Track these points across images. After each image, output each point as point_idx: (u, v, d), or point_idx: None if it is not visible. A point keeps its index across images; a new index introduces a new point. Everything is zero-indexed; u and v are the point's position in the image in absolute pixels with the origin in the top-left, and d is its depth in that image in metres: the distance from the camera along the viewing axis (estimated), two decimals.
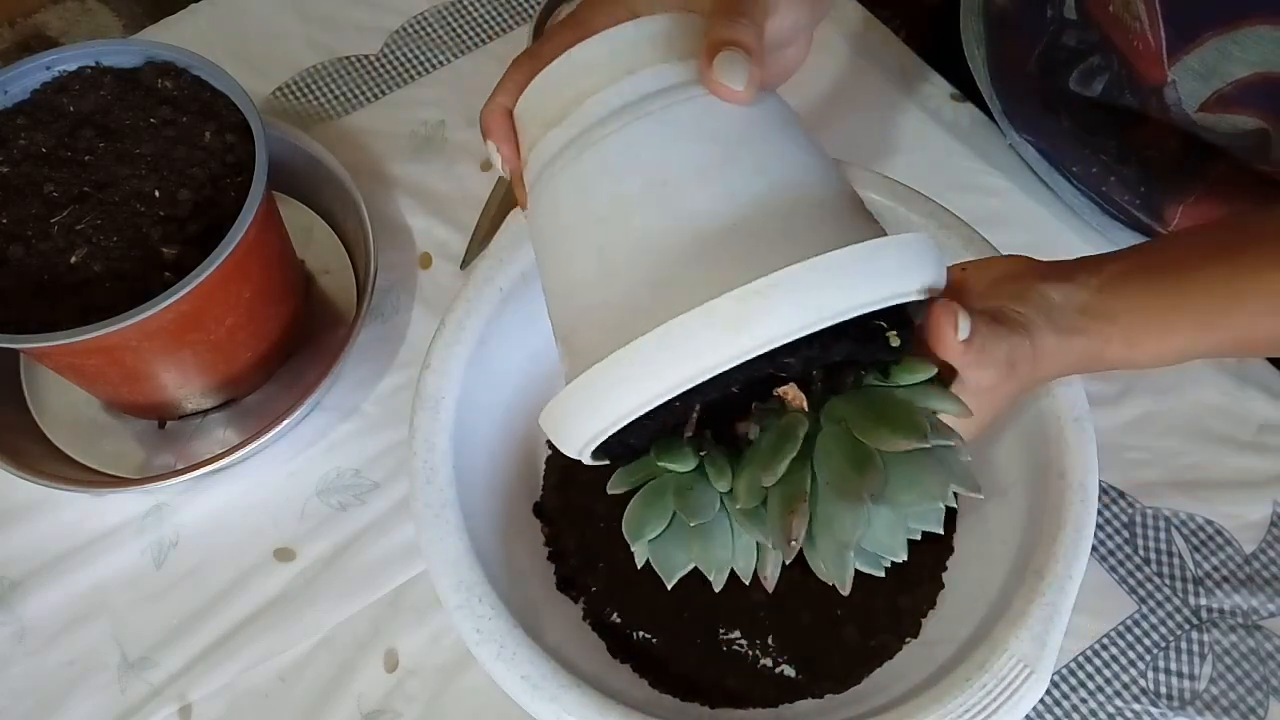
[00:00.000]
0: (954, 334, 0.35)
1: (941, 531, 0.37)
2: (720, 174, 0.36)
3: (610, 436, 0.36)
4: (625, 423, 0.35)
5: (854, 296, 0.33)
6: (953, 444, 0.36)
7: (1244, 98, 0.50)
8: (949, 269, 0.39)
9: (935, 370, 0.37)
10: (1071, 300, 0.39)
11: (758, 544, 0.39)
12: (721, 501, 0.39)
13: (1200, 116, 0.51)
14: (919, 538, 0.38)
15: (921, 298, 0.36)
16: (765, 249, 0.35)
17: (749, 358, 0.33)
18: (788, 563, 0.38)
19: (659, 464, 0.38)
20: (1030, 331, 0.37)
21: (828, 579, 0.37)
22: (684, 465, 0.38)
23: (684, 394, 0.34)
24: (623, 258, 0.36)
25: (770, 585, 0.39)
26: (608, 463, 0.41)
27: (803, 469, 0.37)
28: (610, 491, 0.41)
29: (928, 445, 0.35)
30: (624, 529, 0.40)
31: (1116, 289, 0.39)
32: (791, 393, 0.38)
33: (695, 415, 0.37)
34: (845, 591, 0.37)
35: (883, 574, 0.38)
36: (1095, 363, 0.40)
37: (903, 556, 0.37)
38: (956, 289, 0.39)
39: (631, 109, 0.38)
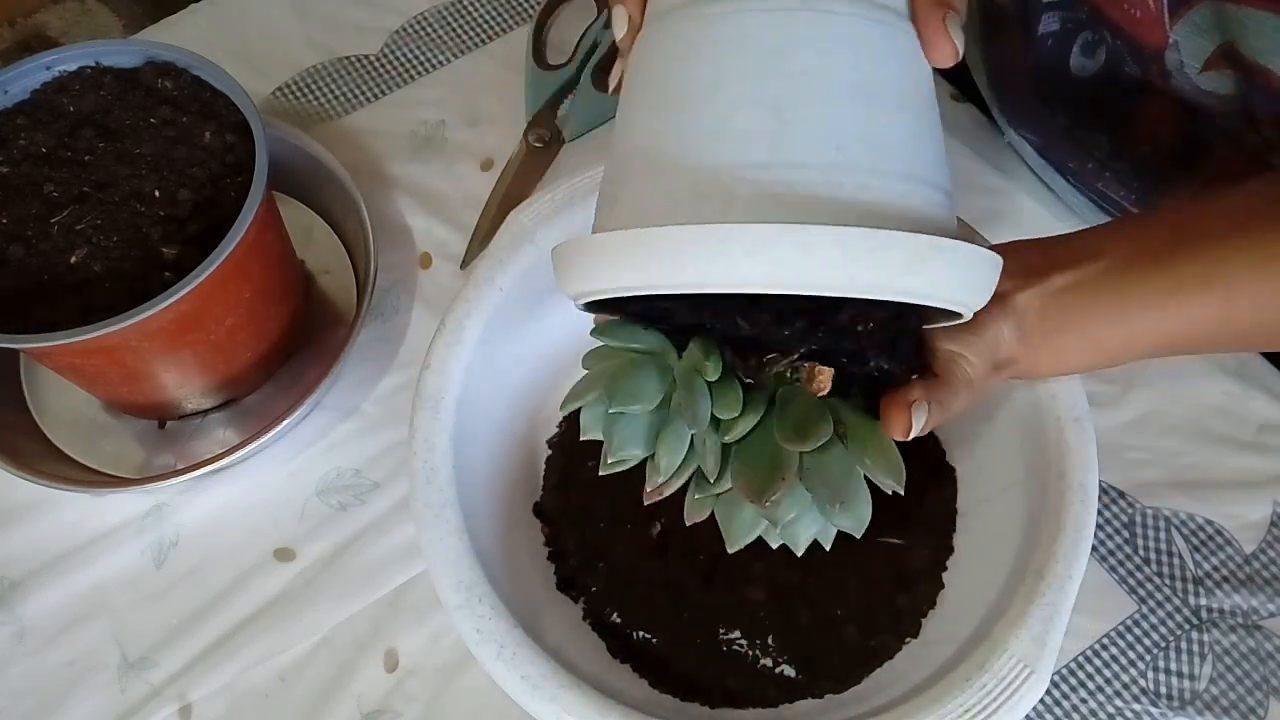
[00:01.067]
0: (903, 432, 0.39)
1: (859, 535, 0.40)
2: (871, 111, 0.35)
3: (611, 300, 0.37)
4: (638, 293, 0.34)
5: (898, 280, 0.32)
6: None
7: (1232, 61, 0.50)
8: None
9: (880, 435, 0.39)
10: (1016, 332, 0.42)
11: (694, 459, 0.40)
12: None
13: (1203, 78, 0.51)
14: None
15: (958, 312, 0.36)
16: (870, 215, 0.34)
17: (789, 291, 0.32)
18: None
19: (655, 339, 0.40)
20: (972, 382, 0.41)
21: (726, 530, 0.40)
22: (713, 362, 0.38)
23: (703, 299, 0.35)
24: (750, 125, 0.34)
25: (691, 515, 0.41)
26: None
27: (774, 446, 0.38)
28: (597, 338, 0.42)
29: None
30: (603, 385, 0.40)
31: (1061, 310, 0.42)
32: (821, 374, 0.39)
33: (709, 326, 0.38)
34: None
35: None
36: (1021, 377, 0.44)
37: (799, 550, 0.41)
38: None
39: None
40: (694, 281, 0.33)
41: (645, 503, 0.40)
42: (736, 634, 0.52)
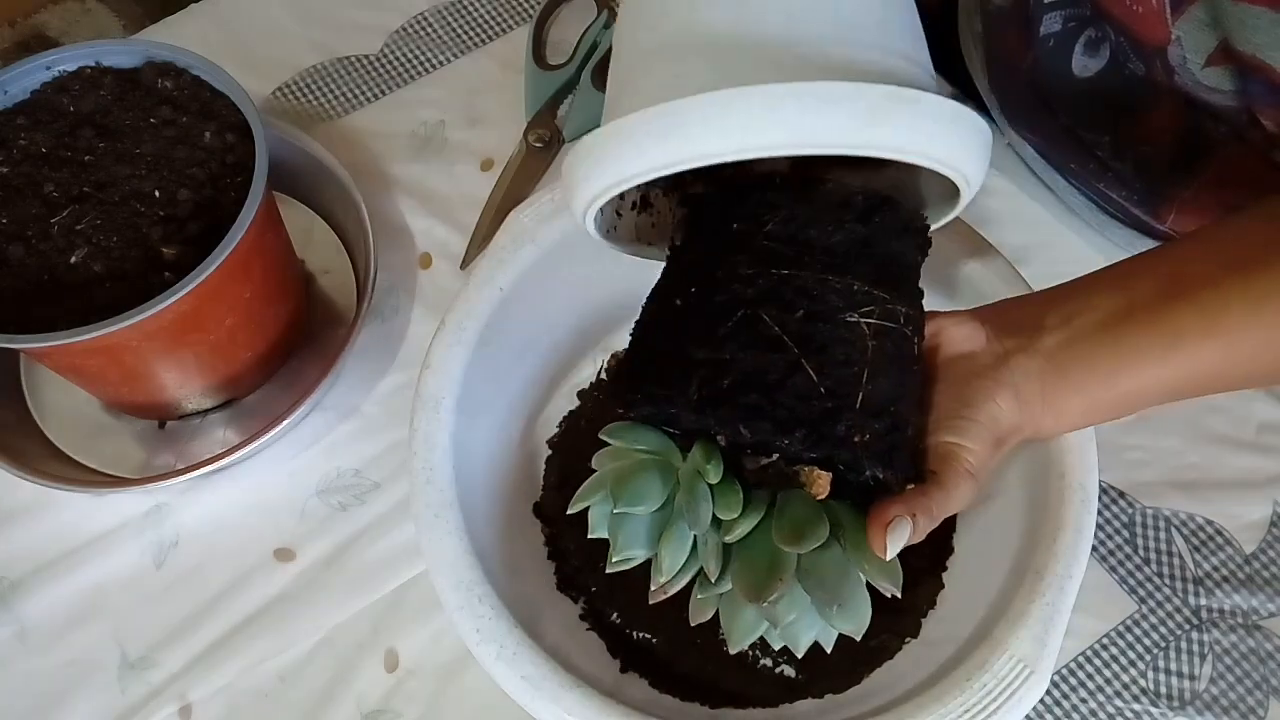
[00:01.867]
0: (881, 553, 0.38)
1: (858, 638, 0.41)
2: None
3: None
4: (646, 178, 0.36)
5: (870, 134, 0.33)
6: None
7: (1229, 58, 0.50)
8: (928, 318, 0.41)
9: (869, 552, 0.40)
10: (1014, 400, 0.41)
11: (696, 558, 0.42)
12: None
13: (1206, 74, 0.51)
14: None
15: (945, 174, 0.36)
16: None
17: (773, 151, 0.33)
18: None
19: (660, 442, 0.41)
20: (973, 472, 0.40)
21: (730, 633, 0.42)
22: (714, 466, 0.40)
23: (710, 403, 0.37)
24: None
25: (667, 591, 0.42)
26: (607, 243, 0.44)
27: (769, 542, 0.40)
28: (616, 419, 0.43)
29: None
30: (607, 485, 0.42)
31: (1059, 372, 0.41)
32: (820, 478, 0.40)
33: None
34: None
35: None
36: (1028, 441, 0.43)
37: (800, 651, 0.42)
38: (930, 356, 0.42)
39: None
40: (687, 154, 0.34)
41: (650, 602, 0.42)
42: None
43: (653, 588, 0.42)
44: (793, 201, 0.40)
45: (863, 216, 0.40)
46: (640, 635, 0.53)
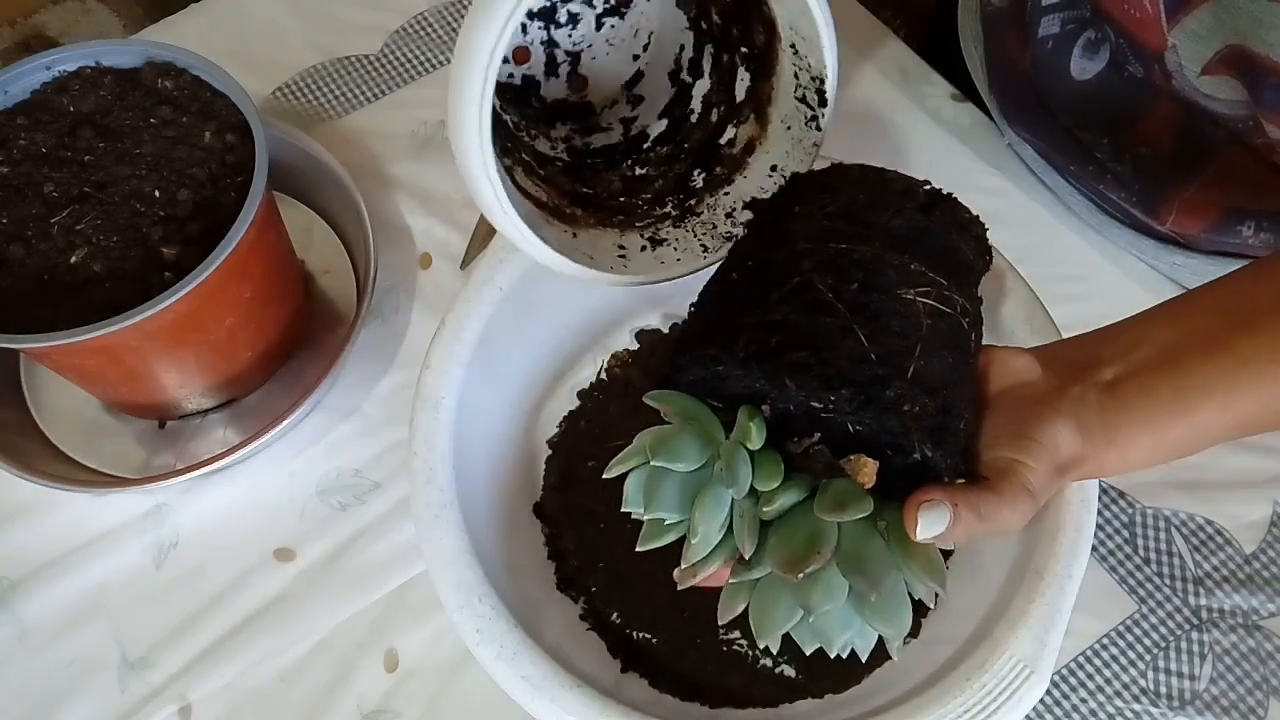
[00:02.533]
0: (910, 530, 0.37)
1: (897, 644, 0.38)
2: None
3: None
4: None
5: None
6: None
7: (1234, 65, 0.50)
8: (1038, 381, 0.40)
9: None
10: (1076, 430, 0.39)
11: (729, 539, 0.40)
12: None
13: (1203, 81, 0.51)
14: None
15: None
16: None
17: None
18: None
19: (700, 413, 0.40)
20: (1032, 491, 0.38)
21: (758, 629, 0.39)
22: (758, 428, 0.38)
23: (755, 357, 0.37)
24: None
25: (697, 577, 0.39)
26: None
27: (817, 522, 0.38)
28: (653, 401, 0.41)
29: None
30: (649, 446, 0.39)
31: (1119, 403, 0.39)
32: (866, 465, 0.38)
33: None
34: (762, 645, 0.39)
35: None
36: (1090, 477, 0.42)
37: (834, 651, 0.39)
38: (982, 384, 0.41)
39: None
40: None
41: (679, 586, 0.39)
42: (736, 634, 0.52)
43: (683, 565, 0.38)
44: (854, 188, 0.40)
45: (924, 207, 0.40)
46: (640, 635, 0.53)
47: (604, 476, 0.41)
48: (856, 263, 0.38)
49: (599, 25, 0.54)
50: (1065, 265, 0.65)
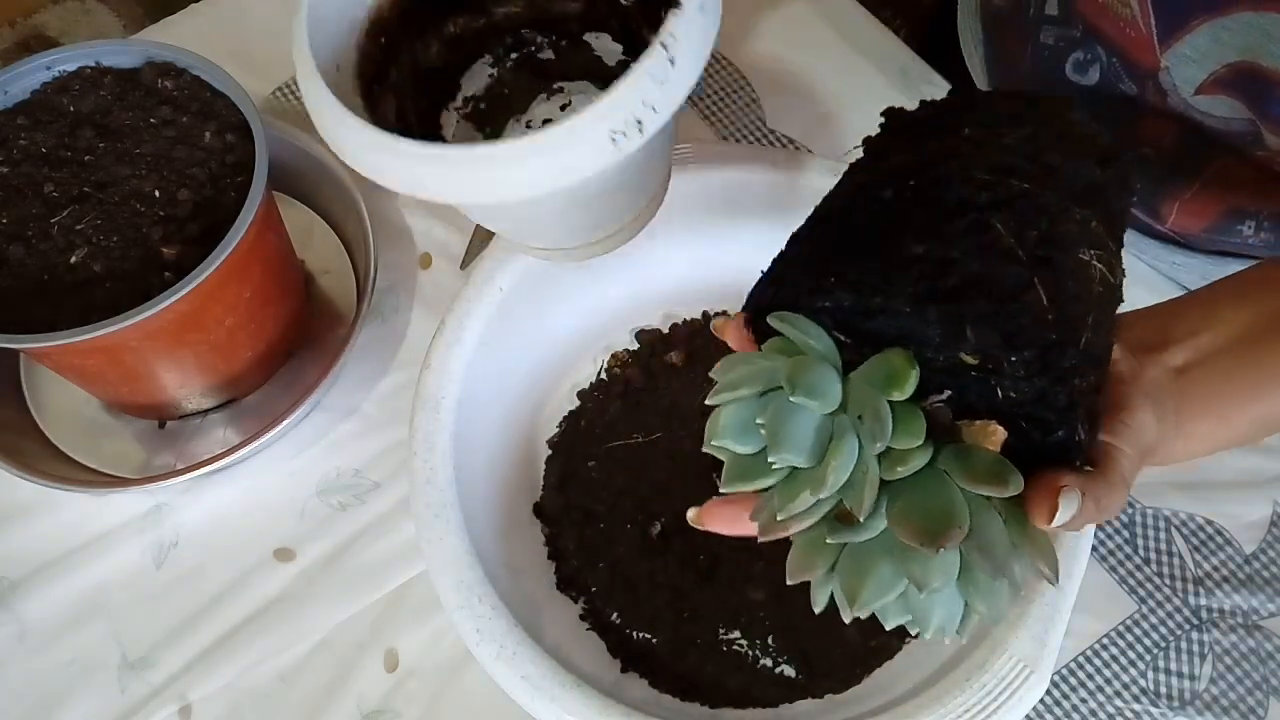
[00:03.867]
0: (1048, 518, 0.33)
1: (993, 624, 0.35)
2: None
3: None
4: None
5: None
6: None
7: (1235, 83, 0.50)
8: (1119, 359, 0.37)
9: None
10: (1155, 416, 0.37)
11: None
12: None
13: (1197, 100, 0.51)
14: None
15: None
16: None
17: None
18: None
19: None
20: (1128, 479, 0.36)
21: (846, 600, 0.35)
22: (913, 374, 0.33)
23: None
24: None
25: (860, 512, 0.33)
26: None
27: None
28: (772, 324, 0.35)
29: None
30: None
31: (1189, 391, 0.38)
32: (995, 431, 0.34)
33: None
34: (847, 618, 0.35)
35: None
36: (1159, 464, 0.39)
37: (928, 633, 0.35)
38: (1123, 382, 0.38)
39: None
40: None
41: (760, 539, 0.35)
42: (736, 634, 0.52)
43: (780, 516, 0.34)
44: (1037, 121, 0.37)
45: (1102, 161, 0.37)
46: (640, 635, 0.53)
47: (707, 402, 0.35)
48: (1041, 209, 0.34)
49: None
50: None
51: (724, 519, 0.38)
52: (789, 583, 0.35)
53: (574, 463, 0.57)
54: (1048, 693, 0.51)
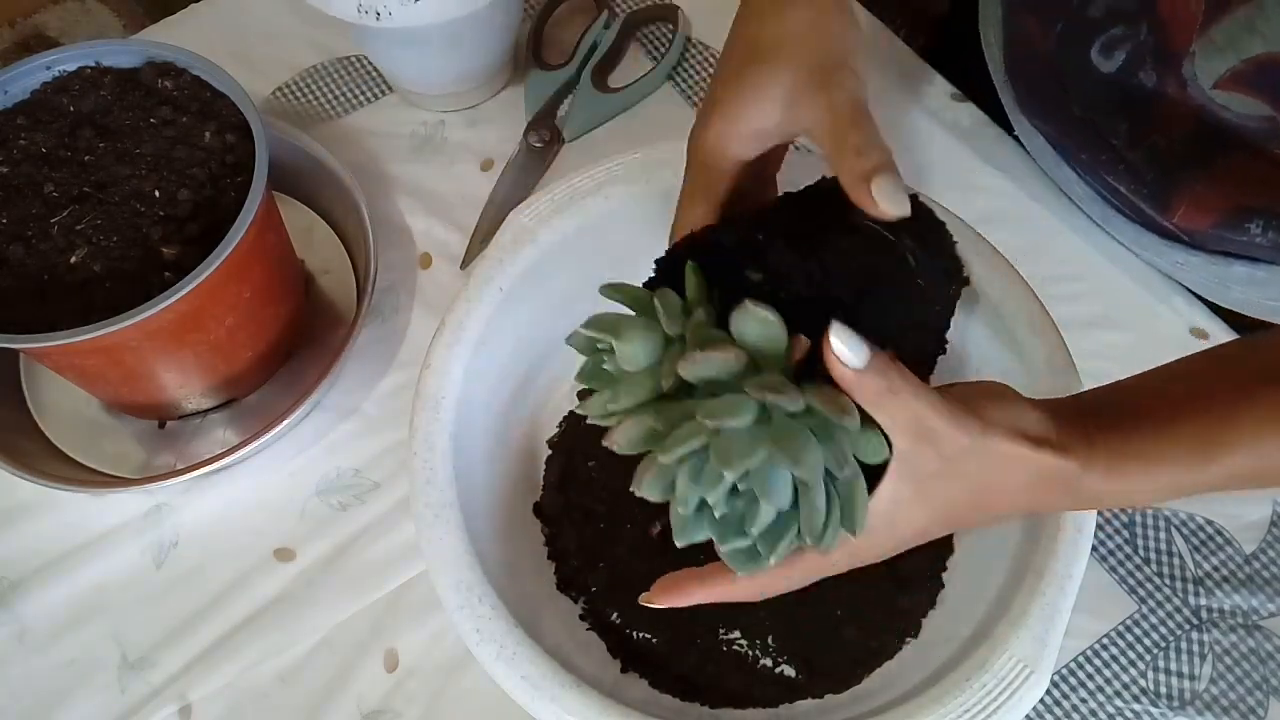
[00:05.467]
0: (838, 359, 0.33)
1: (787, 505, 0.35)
2: None
3: None
4: None
5: None
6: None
7: (1257, 77, 0.49)
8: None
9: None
10: (1049, 415, 0.37)
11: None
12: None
13: (1215, 94, 0.51)
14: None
15: None
16: None
17: None
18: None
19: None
20: (986, 426, 0.35)
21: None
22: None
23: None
24: None
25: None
26: None
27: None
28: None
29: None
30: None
31: (1100, 413, 0.38)
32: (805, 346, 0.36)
33: None
34: None
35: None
36: (1067, 488, 0.37)
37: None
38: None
39: None
40: None
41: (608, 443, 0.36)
42: (736, 634, 0.52)
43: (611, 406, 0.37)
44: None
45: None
46: (640, 635, 0.53)
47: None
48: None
49: None
50: (1065, 265, 0.65)
51: (672, 594, 0.40)
52: (632, 489, 0.36)
53: (574, 463, 0.57)
54: (1048, 693, 0.51)
